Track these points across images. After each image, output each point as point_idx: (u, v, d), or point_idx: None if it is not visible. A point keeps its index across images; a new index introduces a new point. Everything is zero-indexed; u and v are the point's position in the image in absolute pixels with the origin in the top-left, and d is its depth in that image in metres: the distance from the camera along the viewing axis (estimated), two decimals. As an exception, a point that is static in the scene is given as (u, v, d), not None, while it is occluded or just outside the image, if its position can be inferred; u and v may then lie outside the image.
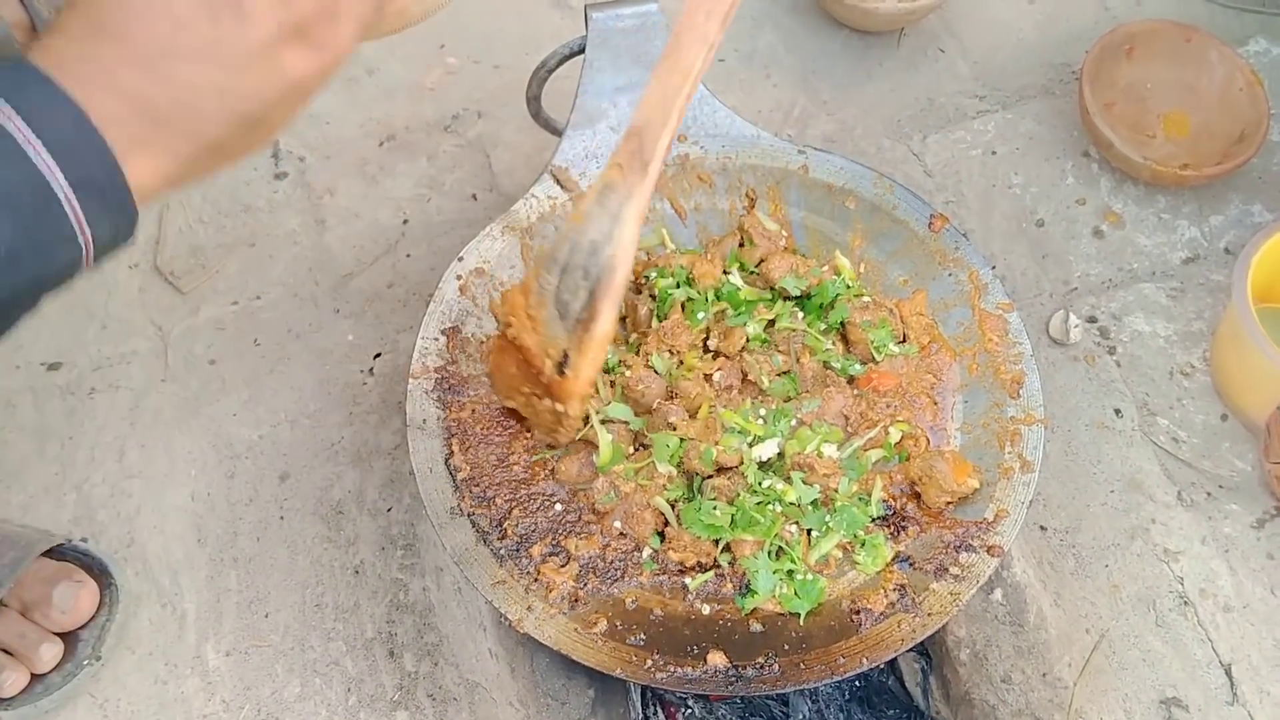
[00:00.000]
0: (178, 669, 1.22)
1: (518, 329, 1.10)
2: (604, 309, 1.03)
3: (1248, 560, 1.27)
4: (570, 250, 1.05)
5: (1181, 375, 1.39)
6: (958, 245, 1.28)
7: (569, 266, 1.05)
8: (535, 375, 1.10)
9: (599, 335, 1.04)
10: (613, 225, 1.03)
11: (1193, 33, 1.55)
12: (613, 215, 1.03)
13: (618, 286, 1.03)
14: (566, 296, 1.05)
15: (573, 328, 1.05)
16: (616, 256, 1.02)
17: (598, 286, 1.03)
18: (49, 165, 0.63)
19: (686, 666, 1.06)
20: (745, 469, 1.13)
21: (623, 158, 1.03)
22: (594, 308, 1.03)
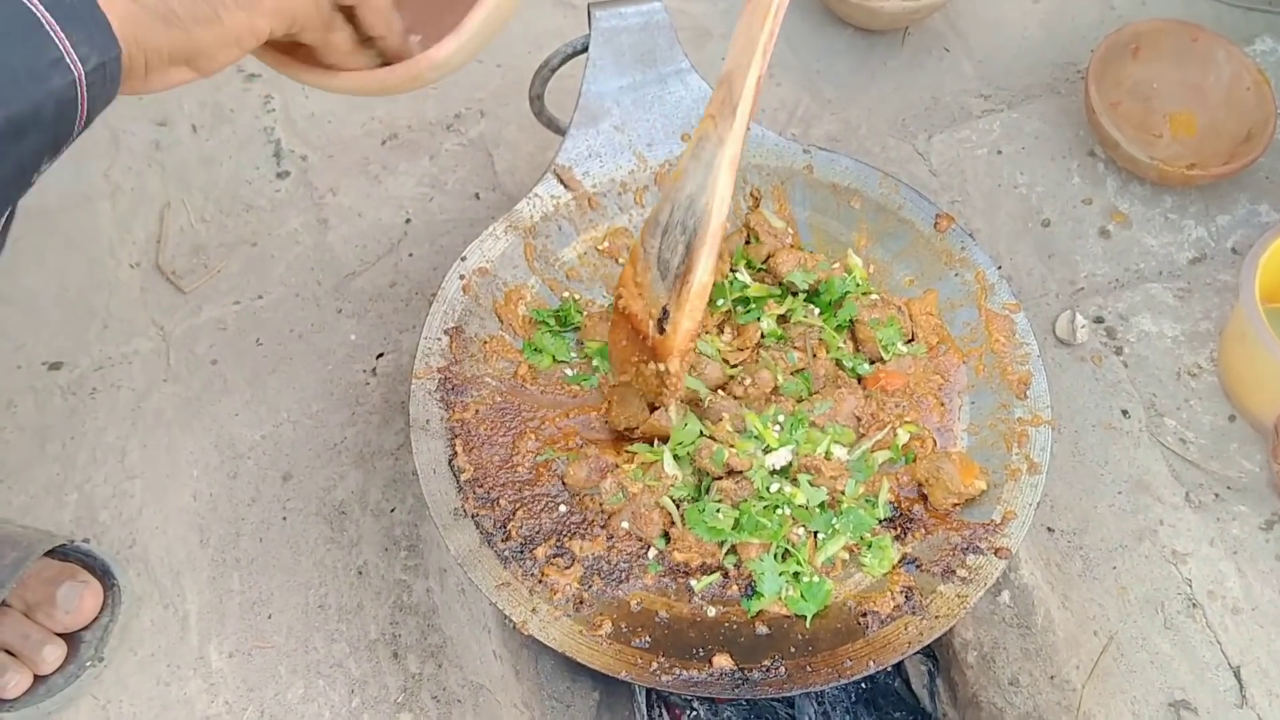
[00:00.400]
0: (180, 670, 1.21)
1: (627, 298, 1.10)
2: (700, 258, 1.02)
3: (1256, 562, 1.27)
4: (670, 209, 1.05)
5: (1189, 376, 1.38)
6: (964, 245, 1.27)
7: (668, 225, 1.05)
8: (643, 341, 1.09)
9: (696, 285, 1.03)
10: (706, 174, 1.02)
11: (1199, 32, 1.54)
12: (706, 165, 1.03)
13: (713, 234, 1.02)
14: (667, 255, 1.05)
15: (672, 284, 1.05)
16: (710, 204, 1.02)
17: (694, 237, 1.02)
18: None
19: (692, 669, 1.05)
20: (753, 474, 1.12)
21: (714, 107, 1.02)
22: (690, 259, 1.03)
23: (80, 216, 1.49)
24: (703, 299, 1.05)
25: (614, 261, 1.30)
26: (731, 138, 1.01)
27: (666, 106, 1.31)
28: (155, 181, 1.52)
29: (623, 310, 1.12)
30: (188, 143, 1.55)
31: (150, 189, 1.51)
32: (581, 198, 1.30)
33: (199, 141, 1.55)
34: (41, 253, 1.45)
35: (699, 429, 1.15)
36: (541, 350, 1.24)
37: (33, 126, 0.71)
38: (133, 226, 1.49)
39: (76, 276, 1.44)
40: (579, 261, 1.30)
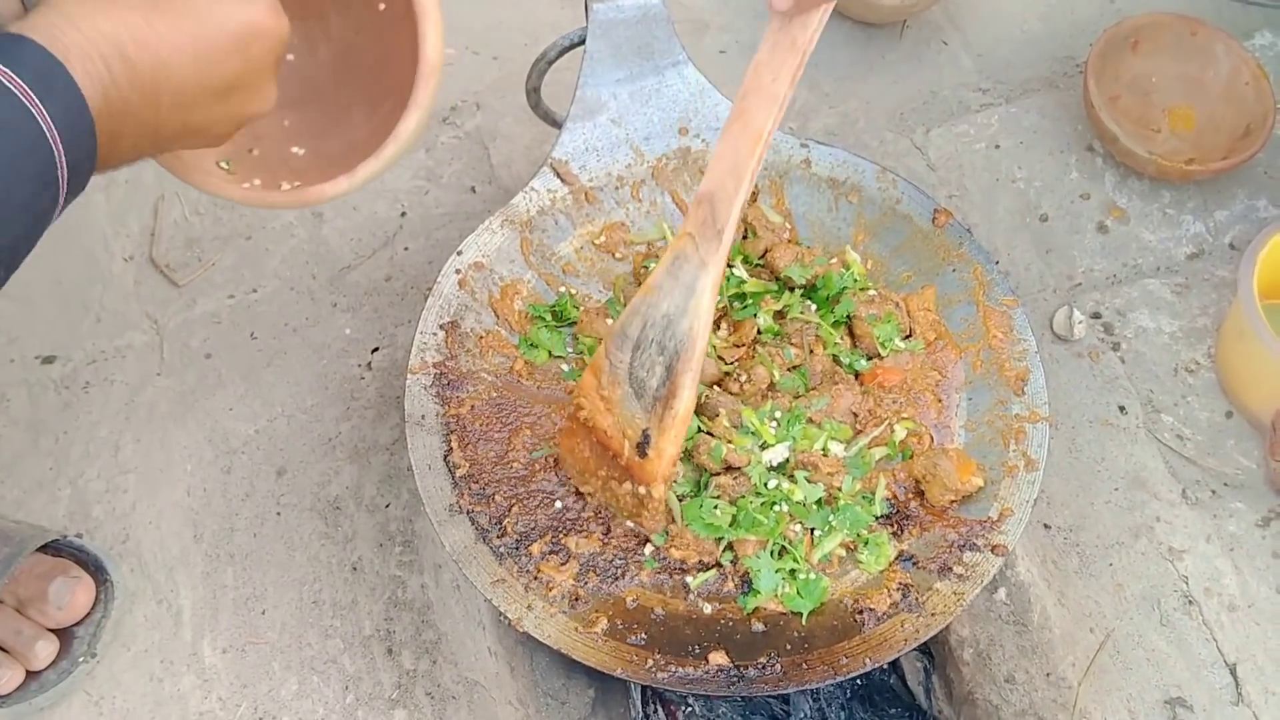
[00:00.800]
0: (174, 666, 1.21)
1: (590, 411, 1.08)
2: (684, 384, 1.01)
3: (1253, 559, 1.26)
4: (643, 326, 1.03)
5: (1186, 372, 1.38)
6: (961, 240, 1.26)
7: (641, 342, 1.03)
8: (613, 458, 1.08)
9: (681, 412, 1.02)
10: (687, 297, 1.01)
11: (1198, 26, 1.54)
12: (687, 287, 1.01)
13: (698, 360, 1.01)
14: (642, 374, 1.04)
15: (651, 405, 1.03)
16: (694, 329, 1.01)
17: (676, 362, 1.01)
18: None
19: (688, 666, 1.05)
20: (751, 470, 1.12)
21: (693, 226, 1.01)
22: (674, 383, 1.02)
23: (74, 209, 1.45)
24: (686, 425, 1.03)
25: (610, 256, 1.30)
26: (715, 261, 1.00)
27: (664, 100, 1.31)
28: (149, 174, 1.51)
29: (584, 422, 1.09)
30: (182, 135, 1.54)
31: (144, 182, 1.50)
32: (578, 192, 1.29)
33: (193, 134, 1.54)
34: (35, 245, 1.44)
35: (697, 425, 1.15)
36: (538, 345, 1.23)
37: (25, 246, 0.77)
38: (127, 219, 1.48)
39: (70, 270, 1.43)
40: (575, 256, 1.29)
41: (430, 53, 0.94)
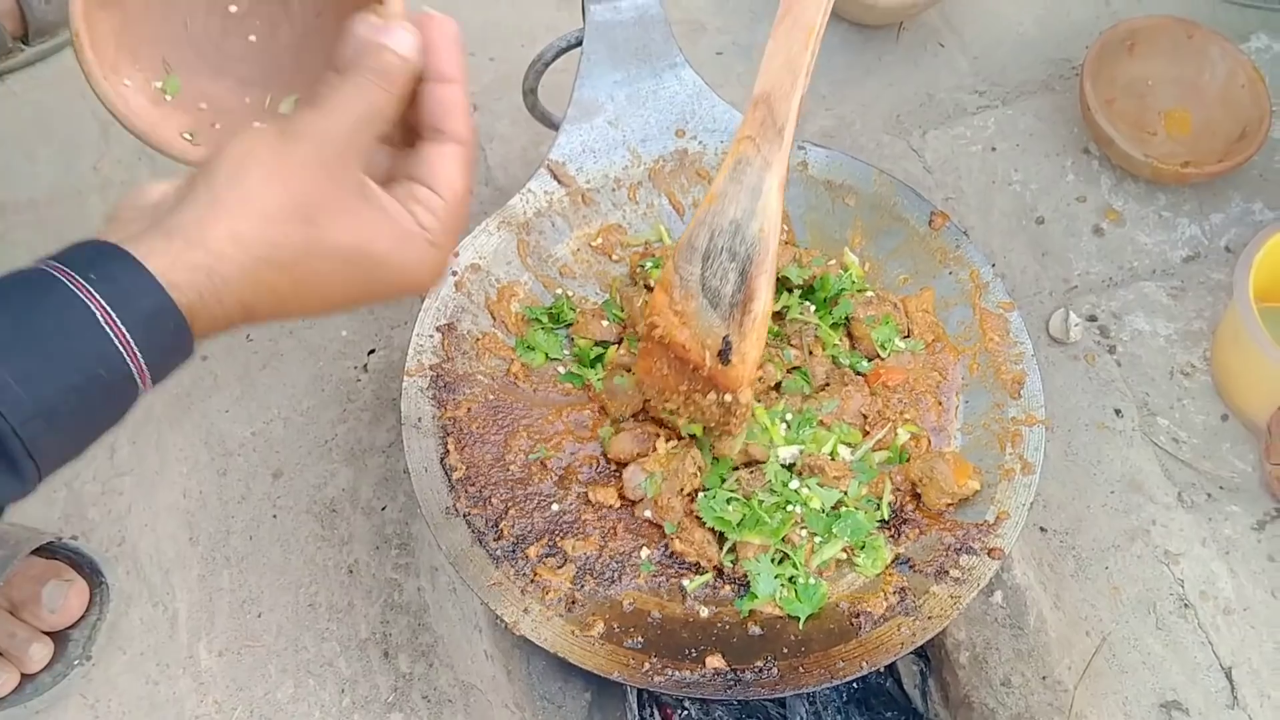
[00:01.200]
0: (169, 669, 1.20)
1: (665, 328, 1.08)
2: (760, 286, 1.02)
3: (1248, 562, 1.27)
4: (710, 236, 1.04)
5: (1182, 375, 1.38)
6: (958, 243, 1.26)
7: (711, 252, 1.04)
8: (693, 371, 1.08)
9: (760, 314, 1.02)
10: (754, 199, 1.01)
11: (1194, 29, 1.54)
12: (752, 189, 1.01)
13: (771, 261, 1.01)
14: (715, 283, 1.04)
15: (728, 313, 1.04)
16: (765, 230, 1.01)
17: (750, 265, 1.01)
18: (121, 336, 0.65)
19: (684, 670, 1.05)
20: (767, 468, 1.12)
21: (752, 128, 1.01)
22: (750, 287, 1.02)
23: (70, 210, 1.47)
24: (765, 327, 1.04)
25: (607, 258, 1.30)
26: (779, 160, 1.00)
27: (660, 101, 1.31)
28: (145, 175, 1.50)
29: (660, 339, 1.09)
30: (177, 136, 1.54)
31: (140, 182, 1.49)
32: (575, 193, 1.29)
33: (189, 134, 1.54)
34: (30, 246, 1.44)
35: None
36: (534, 348, 1.23)
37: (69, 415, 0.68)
38: (122, 220, 1.47)
39: (65, 271, 1.43)
40: (572, 258, 1.29)
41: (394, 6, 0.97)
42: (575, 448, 1.18)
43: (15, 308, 0.66)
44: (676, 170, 1.32)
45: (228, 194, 0.69)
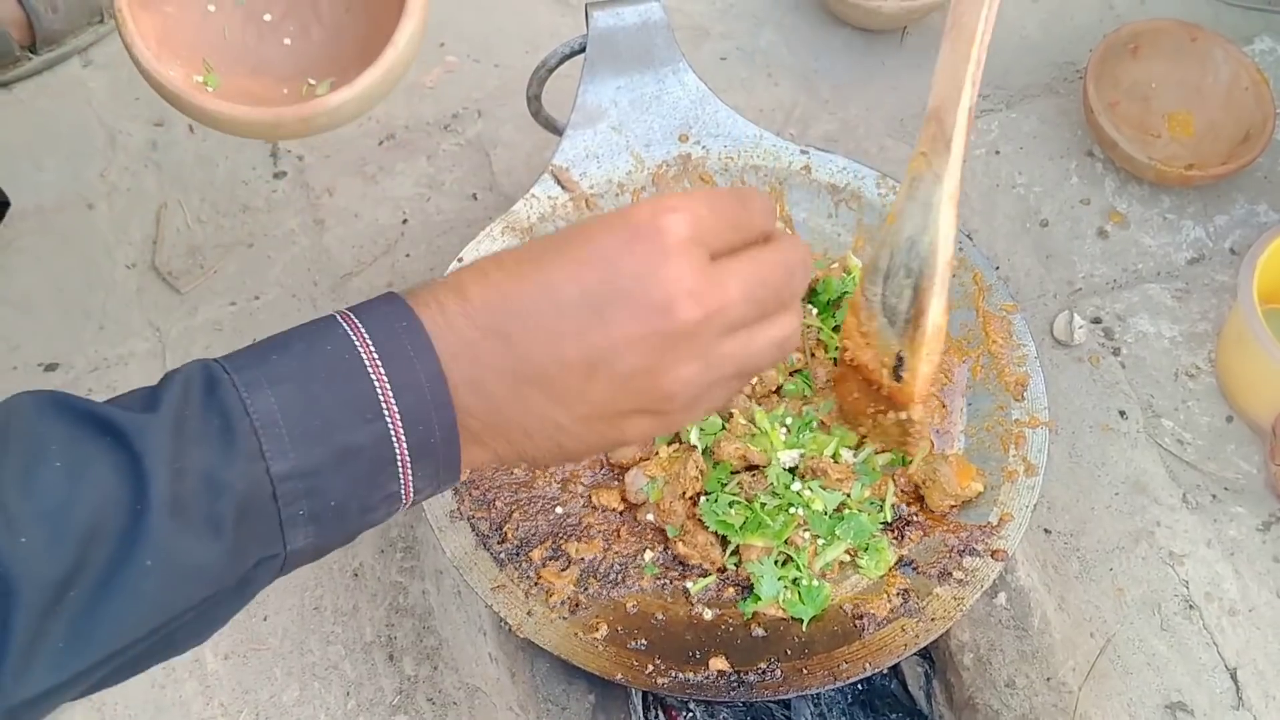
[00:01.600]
0: (175, 672, 1.21)
1: (853, 349, 1.09)
2: (930, 301, 1.01)
3: (1254, 563, 1.27)
4: (890, 255, 1.04)
5: (1187, 377, 1.38)
6: (961, 246, 1.27)
7: (891, 271, 1.04)
8: (877, 391, 1.08)
9: (930, 329, 1.02)
10: (926, 214, 1.01)
11: (1198, 31, 1.54)
12: (924, 204, 1.01)
13: (942, 273, 1.00)
14: (893, 300, 1.04)
15: (903, 329, 1.04)
16: (935, 243, 1.00)
17: (921, 280, 1.01)
18: (398, 431, 0.63)
19: (688, 672, 1.05)
20: (769, 471, 1.12)
21: (925, 145, 1.01)
22: (920, 302, 1.02)
23: (76, 217, 1.48)
24: (939, 341, 1.03)
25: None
26: (949, 173, 1.00)
27: (664, 107, 1.31)
28: (151, 182, 1.51)
29: (850, 362, 1.10)
30: (184, 143, 1.55)
31: (147, 189, 1.51)
32: (579, 199, 1.29)
33: (195, 142, 1.55)
34: (37, 253, 1.45)
35: (720, 421, 1.15)
36: None
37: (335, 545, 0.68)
38: (129, 227, 1.48)
39: (73, 277, 1.44)
40: (576, 262, 1.30)
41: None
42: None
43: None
44: (680, 175, 1.32)
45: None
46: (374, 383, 0.63)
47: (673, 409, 0.70)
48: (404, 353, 0.63)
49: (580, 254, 0.67)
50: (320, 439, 0.62)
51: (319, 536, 0.64)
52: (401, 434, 0.63)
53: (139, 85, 1.57)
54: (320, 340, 0.64)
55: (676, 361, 0.67)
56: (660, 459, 1.14)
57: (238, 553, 0.61)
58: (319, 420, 0.62)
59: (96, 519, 0.58)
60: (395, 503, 0.66)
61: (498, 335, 0.65)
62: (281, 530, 0.62)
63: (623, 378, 0.67)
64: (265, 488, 0.61)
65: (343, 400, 0.62)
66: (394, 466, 0.64)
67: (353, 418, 0.62)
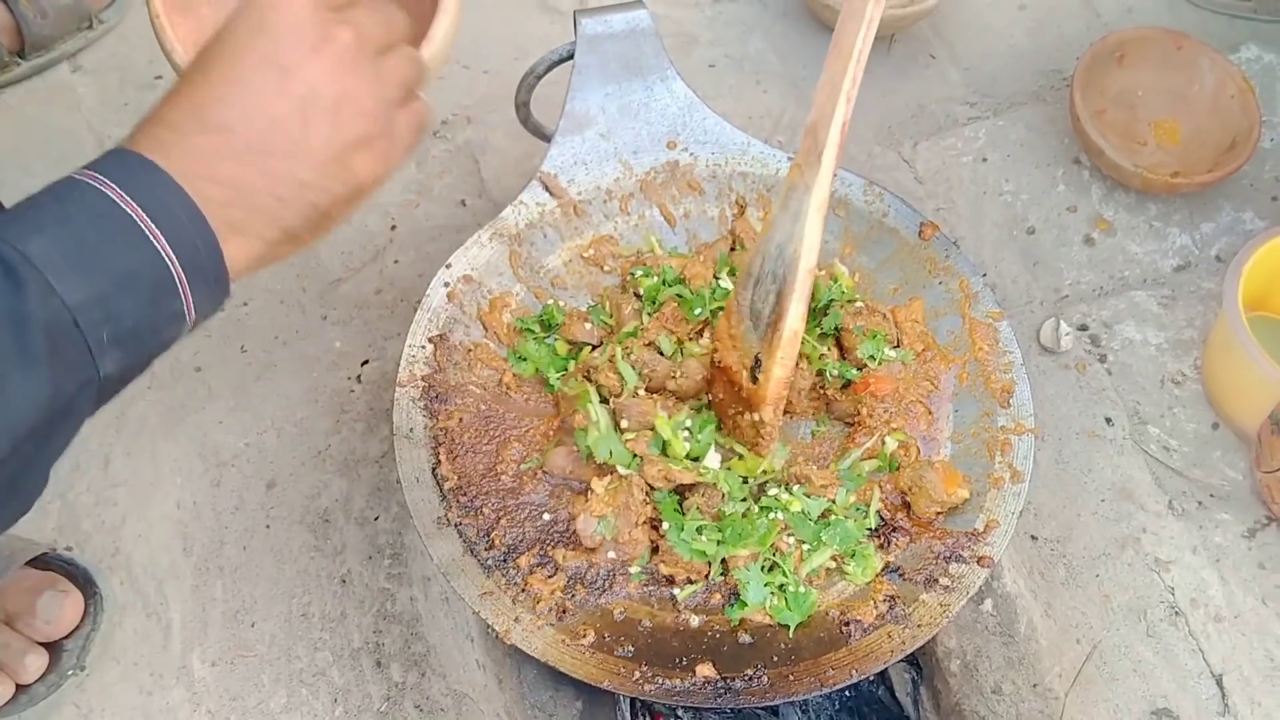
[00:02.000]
0: (163, 679, 1.21)
1: (722, 351, 1.12)
2: (790, 305, 1.04)
3: (1239, 570, 1.27)
4: (761, 261, 1.07)
5: (1173, 383, 1.39)
6: (948, 253, 1.27)
7: (760, 276, 1.07)
8: (738, 392, 1.11)
9: (787, 333, 1.05)
10: (794, 224, 1.04)
11: (1184, 40, 1.55)
12: (794, 214, 1.04)
13: (803, 280, 1.03)
14: (759, 305, 1.07)
15: (764, 333, 1.07)
16: (799, 250, 1.03)
17: (784, 285, 1.04)
18: (166, 251, 0.70)
19: (675, 678, 1.05)
20: (714, 477, 1.12)
21: (801, 157, 1.05)
22: (781, 306, 1.04)
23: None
24: (794, 346, 1.06)
25: (599, 269, 1.30)
26: (818, 184, 1.02)
27: (652, 114, 1.31)
28: (140, 188, 1.51)
29: (718, 364, 1.14)
30: (173, 149, 1.54)
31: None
32: (567, 205, 1.30)
33: (184, 147, 1.55)
34: (25, 259, 1.45)
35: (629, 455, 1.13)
36: (526, 359, 1.24)
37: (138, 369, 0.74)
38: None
39: (60, 283, 1.44)
40: (564, 269, 1.30)
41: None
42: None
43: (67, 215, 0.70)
44: (668, 182, 1.32)
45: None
46: (130, 215, 0.69)
47: (374, 129, 0.79)
48: (143, 183, 0.71)
49: (237, 42, 0.76)
50: (100, 267, 0.69)
51: (124, 359, 0.71)
52: (168, 248, 0.70)
53: (128, 90, 1.58)
54: (68, 193, 0.70)
55: (358, 80, 0.78)
56: (600, 496, 1.12)
57: (57, 379, 0.67)
58: (93, 253, 0.69)
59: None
60: (181, 321, 0.73)
61: (213, 129, 0.74)
62: (91, 355, 0.69)
63: (329, 109, 0.76)
64: (65, 316, 0.67)
65: (108, 233, 0.69)
66: (172, 282, 0.71)
67: (122, 244, 0.69)
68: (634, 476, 1.12)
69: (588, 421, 1.14)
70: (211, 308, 0.75)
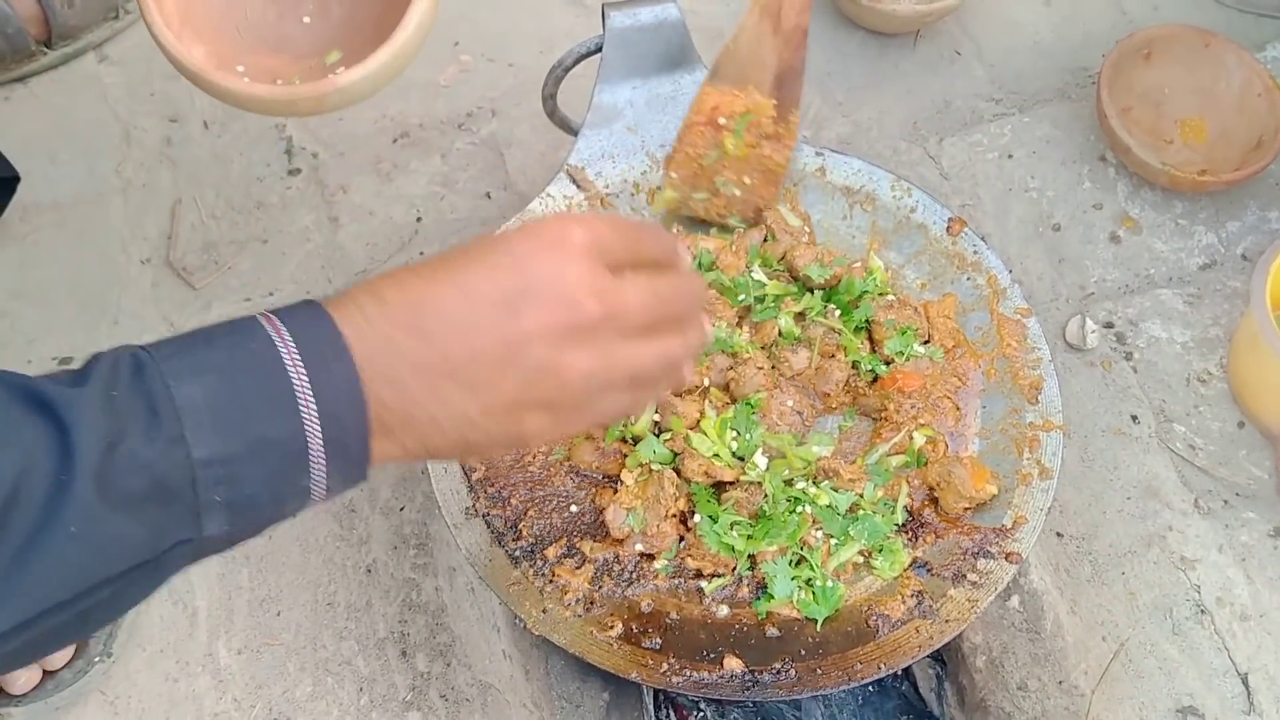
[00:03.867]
0: (189, 667, 1.21)
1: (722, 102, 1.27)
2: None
3: (1265, 569, 1.27)
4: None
5: (1198, 382, 1.38)
6: (976, 249, 1.27)
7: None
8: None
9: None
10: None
11: (1211, 38, 1.54)
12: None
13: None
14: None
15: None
16: None
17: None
18: (314, 428, 0.67)
19: (702, 671, 1.05)
20: (759, 478, 1.12)
21: None
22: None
23: (92, 212, 1.49)
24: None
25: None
26: None
27: (679, 107, 1.31)
28: (167, 178, 1.52)
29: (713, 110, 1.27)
30: (199, 139, 1.55)
31: (162, 185, 1.51)
32: (594, 198, 1.30)
33: (210, 138, 1.55)
34: (53, 248, 1.45)
35: (670, 454, 1.14)
36: None
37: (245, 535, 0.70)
38: (144, 223, 1.49)
39: (88, 272, 1.44)
40: (591, 262, 1.30)
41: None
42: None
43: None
44: (695, 176, 1.32)
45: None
46: (293, 380, 0.66)
47: (567, 403, 0.75)
48: (322, 354, 0.68)
49: (493, 259, 0.73)
50: (240, 429, 0.65)
51: (232, 525, 0.67)
52: (318, 429, 0.67)
53: (154, 81, 1.59)
54: (243, 338, 0.68)
55: (576, 354, 0.73)
56: (630, 487, 1.12)
57: (155, 531, 0.64)
58: (240, 411, 0.65)
59: (20, 484, 0.60)
60: (305, 497, 0.70)
61: (415, 332, 0.70)
62: (198, 515, 0.65)
63: (530, 369, 0.72)
64: (185, 471, 0.64)
65: (263, 395, 0.66)
66: (307, 460, 0.67)
67: (272, 411, 0.66)
68: (665, 470, 1.12)
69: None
70: (342, 490, 0.72)
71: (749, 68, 1.27)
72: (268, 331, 0.67)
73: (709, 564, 1.11)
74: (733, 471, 1.12)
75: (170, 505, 0.64)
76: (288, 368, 0.66)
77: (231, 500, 0.66)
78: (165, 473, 0.63)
